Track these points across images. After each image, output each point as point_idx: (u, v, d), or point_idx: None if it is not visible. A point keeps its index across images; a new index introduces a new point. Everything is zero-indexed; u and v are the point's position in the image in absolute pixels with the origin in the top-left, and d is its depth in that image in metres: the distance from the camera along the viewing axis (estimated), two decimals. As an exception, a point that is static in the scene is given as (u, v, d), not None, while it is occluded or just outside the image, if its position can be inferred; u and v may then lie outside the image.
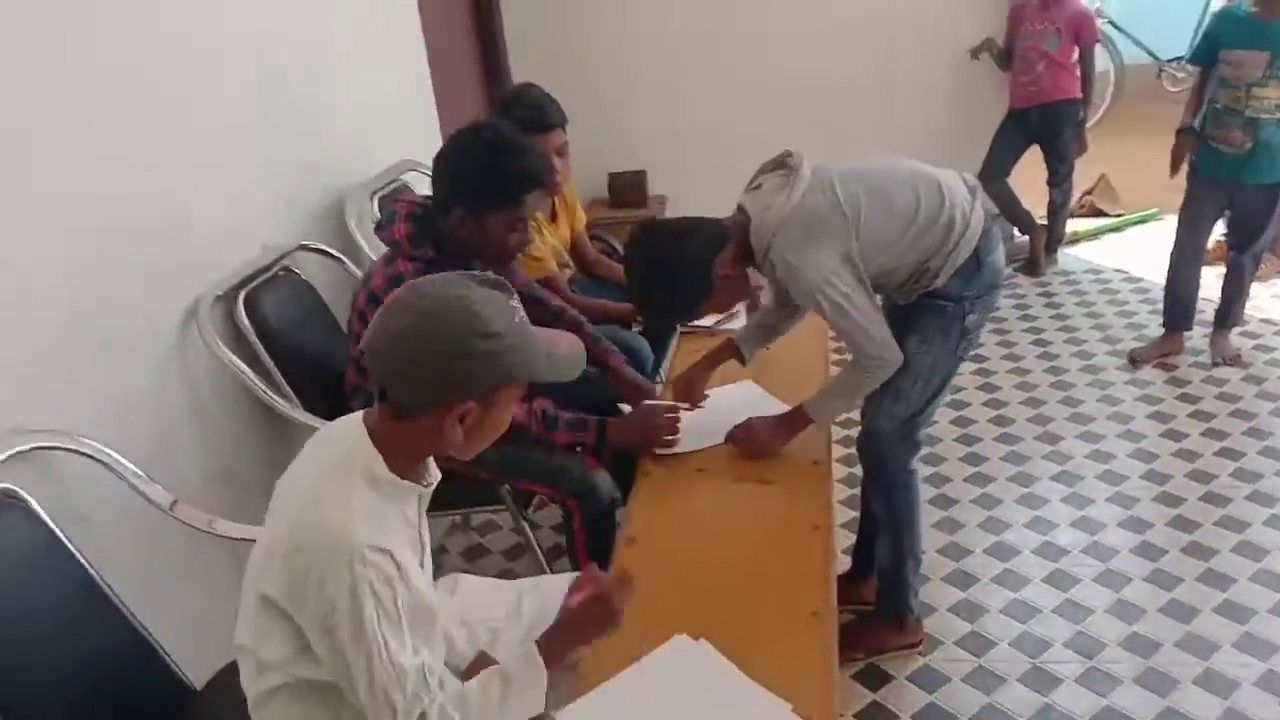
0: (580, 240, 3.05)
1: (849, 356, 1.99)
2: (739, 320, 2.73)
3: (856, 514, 2.55)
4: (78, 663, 1.51)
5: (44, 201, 1.68)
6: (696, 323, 2.74)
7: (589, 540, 2.11)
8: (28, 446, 1.53)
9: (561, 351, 1.36)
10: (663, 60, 4.65)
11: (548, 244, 2.78)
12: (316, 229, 2.57)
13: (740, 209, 2.00)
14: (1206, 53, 3.27)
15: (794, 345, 2.44)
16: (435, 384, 1.24)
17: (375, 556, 1.20)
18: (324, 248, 2.49)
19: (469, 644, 1.54)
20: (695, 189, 4.76)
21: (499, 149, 1.98)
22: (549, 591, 1.67)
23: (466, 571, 2.71)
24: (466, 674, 1.50)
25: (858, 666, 2.31)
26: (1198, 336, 3.65)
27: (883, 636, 2.33)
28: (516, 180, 2.00)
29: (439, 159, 2.04)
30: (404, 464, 1.30)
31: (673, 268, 1.95)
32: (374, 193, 2.78)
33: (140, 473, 1.67)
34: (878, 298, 1.97)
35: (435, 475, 1.41)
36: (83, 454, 1.62)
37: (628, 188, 4.67)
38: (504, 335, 1.25)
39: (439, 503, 2.26)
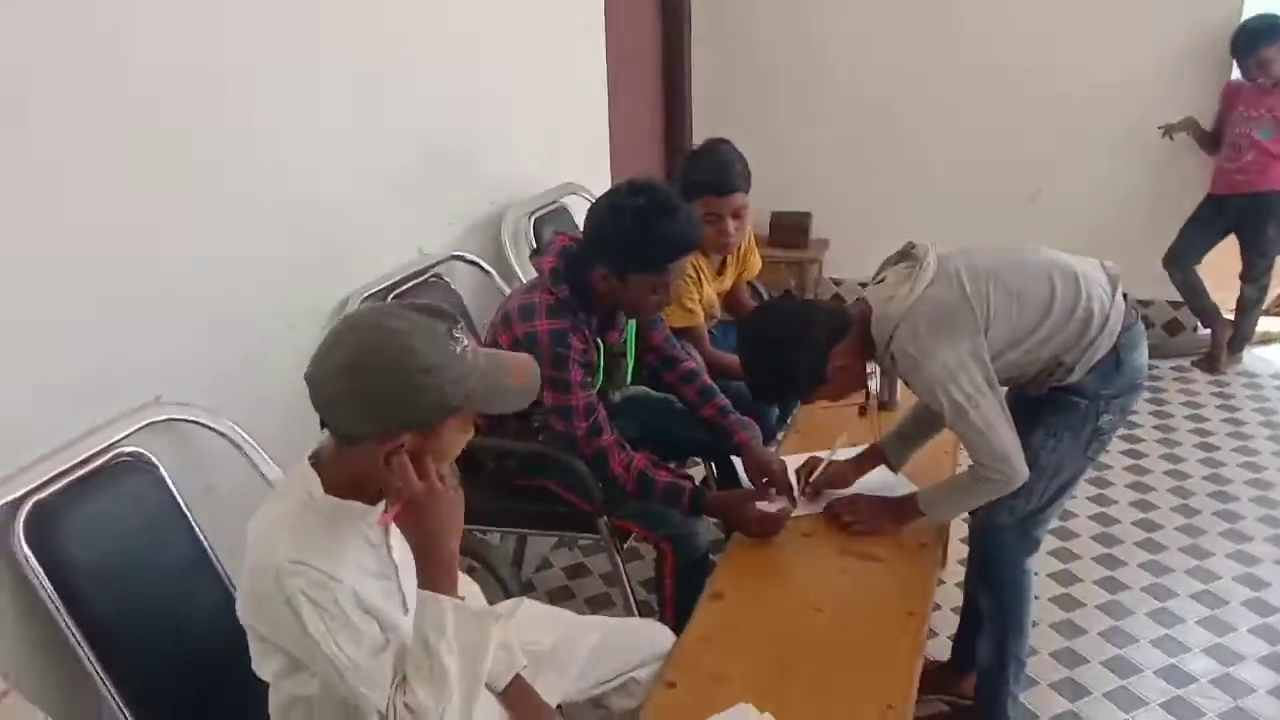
0: (740, 286, 3.06)
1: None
2: (872, 380, 2.67)
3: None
4: (187, 629, 1.62)
5: (221, 202, 1.84)
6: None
7: (677, 588, 2.11)
8: (163, 417, 1.67)
9: (511, 383, 1.36)
10: (845, 107, 4.61)
11: (706, 296, 2.80)
12: (473, 241, 2.69)
13: (862, 300, 1.95)
14: None
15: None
16: (370, 417, 1.26)
17: (296, 568, 1.24)
18: (476, 259, 2.60)
19: (505, 667, 1.55)
20: (857, 237, 4.71)
21: (649, 215, 1.99)
22: (611, 635, 1.68)
23: (565, 588, 2.82)
24: (501, 697, 1.53)
25: (942, 762, 2.22)
26: (1390, 467, 3.33)
27: None
28: (662, 249, 2.02)
29: (592, 211, 2.09)
30: (350, 486, 1.32)
31: (789, 352, 1.91)
32: (532, 212, 2.88)
33: (265, 455, 1.78)
34: (1003, 389, 1.88)
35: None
36: (214, 429, 1.75)
37: (790, 228, 4.64)
38: (441, 368, 1.25)
39: (539, 522, 2.37)
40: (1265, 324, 4.35)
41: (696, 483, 2.16)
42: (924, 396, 1.90)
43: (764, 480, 2.19)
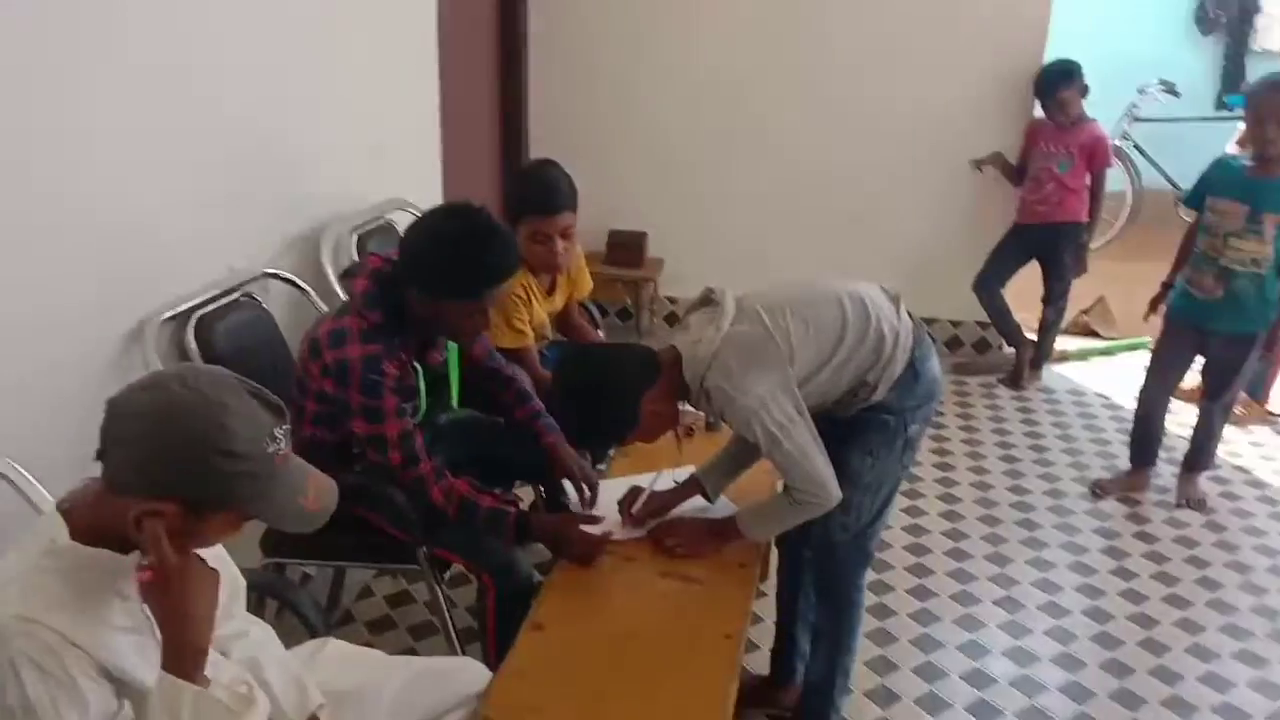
0: (571, 306, 3.05)
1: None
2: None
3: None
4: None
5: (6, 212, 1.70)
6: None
7: (500, 620, 2.09)
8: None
9: (306, 507, 1.31)
10: (680, 126, 4.68)
11: (536, 316, 2.78)
12: (289, 258, 2.58)
13: (670, 347, 1.99)
14: (1198, 197, 3.27)
15: None
16: (148, 472, 1.19)
17: (23, 627, 1.16)
18: (291, 277, 2.50)
19: (299, 708, 1.49)
20: (694, 256, 4.80)
21: (466, 241, 1.96)
22: (422, 675, 1.65)
23: (387, 618, 2.74)
24: None
25: (763, 775, 2.27)
26: (1166, 475, 3.62)
27: None
28: (480, 276, 1.99)
29: (407, 235, 2.05)
30: (103, 535, 1.24)
31: (602, 398, 1.93)
32: (355, 228, 2.79)
33: (48, 496, 1.65)
34: (811, 417, 1.94)
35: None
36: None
37: (626, 247, 4.68)
38: (245, 459, 1.20)
39: (355, 554, 2.30)
40: (1063, 343, 4.68)
41: (523, 507, 2.15)
42: (740, 429, 1.95)
43: (579, 495, 2.25)
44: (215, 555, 1.45)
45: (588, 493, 2.29)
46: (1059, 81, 4.04)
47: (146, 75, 2.04)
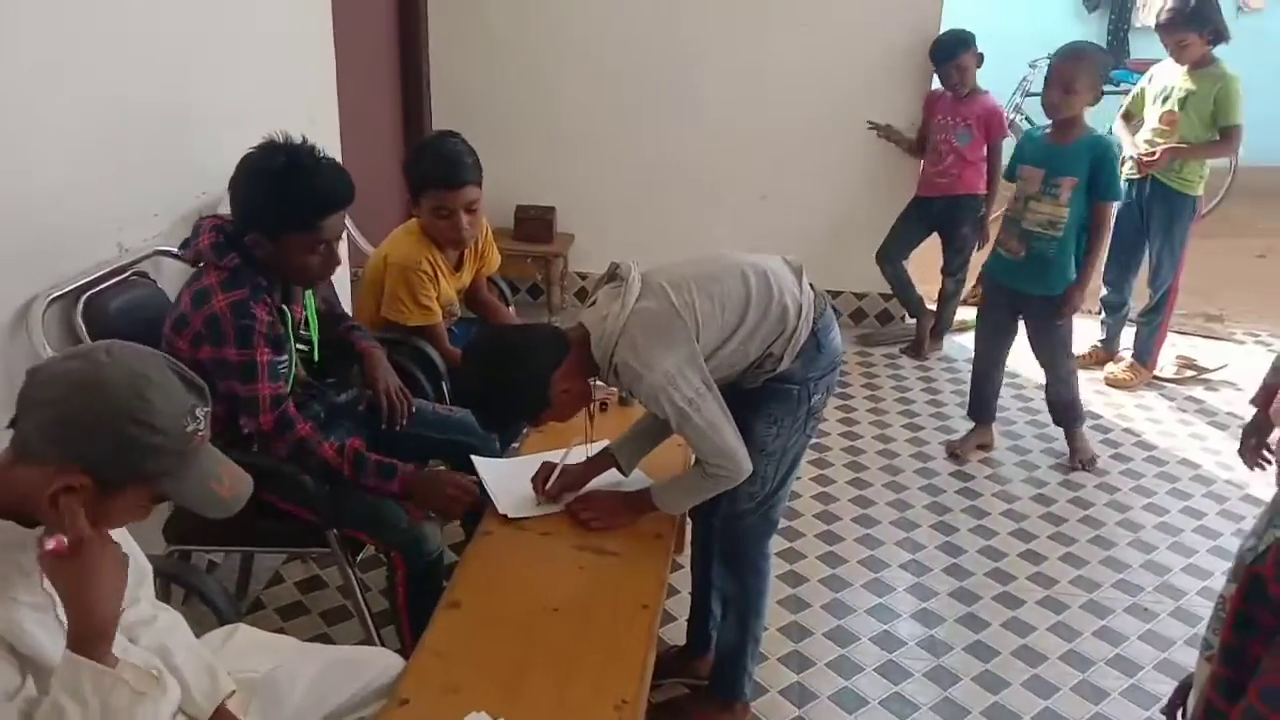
0: (480, 282, 3.00)
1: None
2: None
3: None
4: None
5: None
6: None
7: (411, 597, 2.06)
8: None
9: (220, 493, 1.30)
10: (586, 99, 4.64)
11: (444, 293, 2.73)
12: (182, 235, 2.46)
13: (578, 325, 1.99)
14: (1010, 168, 3.45)
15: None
16: (61, 441, 1.17)
17: None
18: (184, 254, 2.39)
19: (208, 695, 1.47)
20: (603, 231, 4.79)
21: (292, 173, 1.94)
22: (337, 664, 1.62)
23: (299, 604, 2.68)
24: None
25: (680, 743, 2.30)
26: (1062, 439, 3.77)
27: (709, 717, 2.32)
28: (309, 205, 1.97)
29: (234, 179, 2.00)
30: (8, 506, 1.21)
31: (511, 381, 1.91)
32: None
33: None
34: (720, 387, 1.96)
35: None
36: None
37: (535, 223, 4.64)
38: (160, 432, 1.19)
39: (262, 539, 2.24)
40: (963, 314, 4.80)
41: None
42: (649, 405, 1.96)
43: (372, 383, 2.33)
44: (119, 537, 1.40)
45: (398, 410, 2.33)
46: (956, 47, 4.13)
47: (29, 46, 1.93)
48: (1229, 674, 1.18)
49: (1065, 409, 3.62)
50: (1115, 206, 3.36)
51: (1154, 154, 3.85)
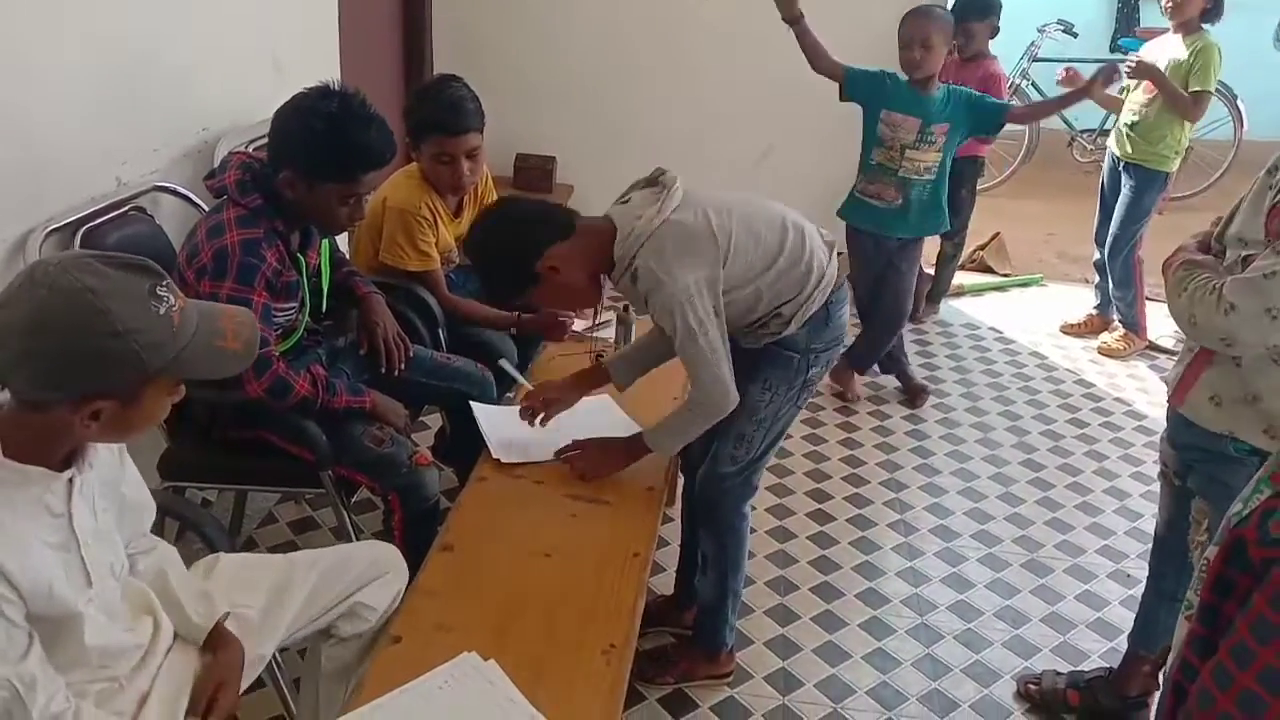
0: None
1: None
2: (608, 330, 2.73)
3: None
4: None
5: None
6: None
7: (407, 540, 2.08)
8: None
9: (222, 346, 1.29)
10: (590, 52, 4.60)
11: (443, 239, 2.71)
12: (181, 170, 2.46)
13: (605, 217, 1.96)
14: (865, 88, 3.39)
15: (655, 379, 2.35)
16: (54, 383, 1.17)
17: None
18: (184, 191, 2.38)
19: (205, 618, 1.50)
20: (603, 183, 4.73)
21: (341, 122, 1.93)
22: (328, 569, 1.65)
23: (291, 544, 2.70)
24: (203, 646, 1.49)
25: (665, 690, 2.33)
26: (1054, 404, 3.79)
27: (694, 665, 2.36)
28: (354, 158, 1.96)
29: (280, 114, 1.99)
30: (35, 451, 1.22)
31: (500, 247, 1.92)
32: (251, 142, 2.66)
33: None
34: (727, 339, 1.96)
35: (102, 460, 1.34)
36: None
37: (535, 172, 4.61)
38: (137, 333, 1.17)
39: (256, 477, 2.25)
40: (960, 278, 4.81)
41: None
42: (657, 317, 1.94)
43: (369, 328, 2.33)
44: (133, 480, 1.42)
45: (395, 356, 2.33)
46: (968, 11, 4.06)
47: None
48: (1205, 633, 1.20)
49: (873, 352, 3.71)
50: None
51: (1134, 64, 3.87)
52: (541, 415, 2.17)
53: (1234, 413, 1.81)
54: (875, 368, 3.87)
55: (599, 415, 2.32)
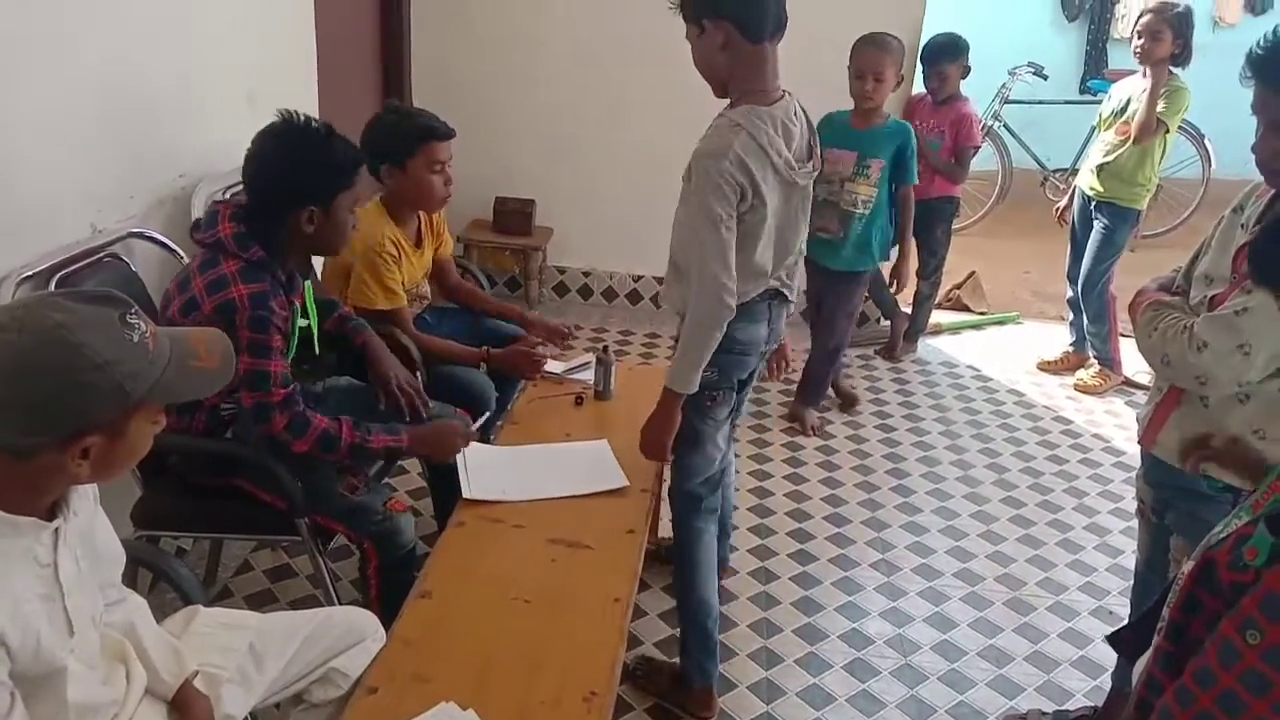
0: (445, 264, 2.99)
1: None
2: (587, 371, 2.73)
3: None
4: None
5: None
6: (545, 369, 2.75)
7: (383, 589, 2.06)
8: None
9: (199, 366, 1.28)
10: (567, 94, 4.62)
11: (409, 274, 2.71)
12: (158, 217, 2.46)
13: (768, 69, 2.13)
14: None
15: (635, 420, 2.36)
16: (39, 428, 1.15)
17: None
18: (160, 237, 2.38)
19: (174, 675, 1.47)
20: (582, 225, 4.78)
21: (323, 140, 2.01)
22: (307, 633, 1.62)
23: (268, 592, 2.67)
24: (171, 705, 1.46)
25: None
26: (1032, 443, 3.80)
27: (671, 691, 2.39)
28: (349, 165, 2.04)
29: (262, 165, 2.01)
30: (25, 500, 1.21)
31: None
32: (229, 188, 2.67)
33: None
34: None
35: (81, 507, 1.33)
36: None
37: (514, 215, 4.62)
38: (115, 363, 1.17)
39: (231, 525, 2.23)
40: (937, 317, 4.85)
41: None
42: (693, 165, 2.05)
43: (382, 379, 2.35)
44: (105, 529, 1.41)
45: (415, 402, 2.35)
46: (941, 55, 4.14)
47: (6, 24, 1.90)
48: (1171, 649, 1.21)
49: (818, 385, 3.85)
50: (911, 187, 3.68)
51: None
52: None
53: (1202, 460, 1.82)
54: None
55: (590, 458, 2.32)
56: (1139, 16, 3.94)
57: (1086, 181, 4.11)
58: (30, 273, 1.98)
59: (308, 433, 1.98)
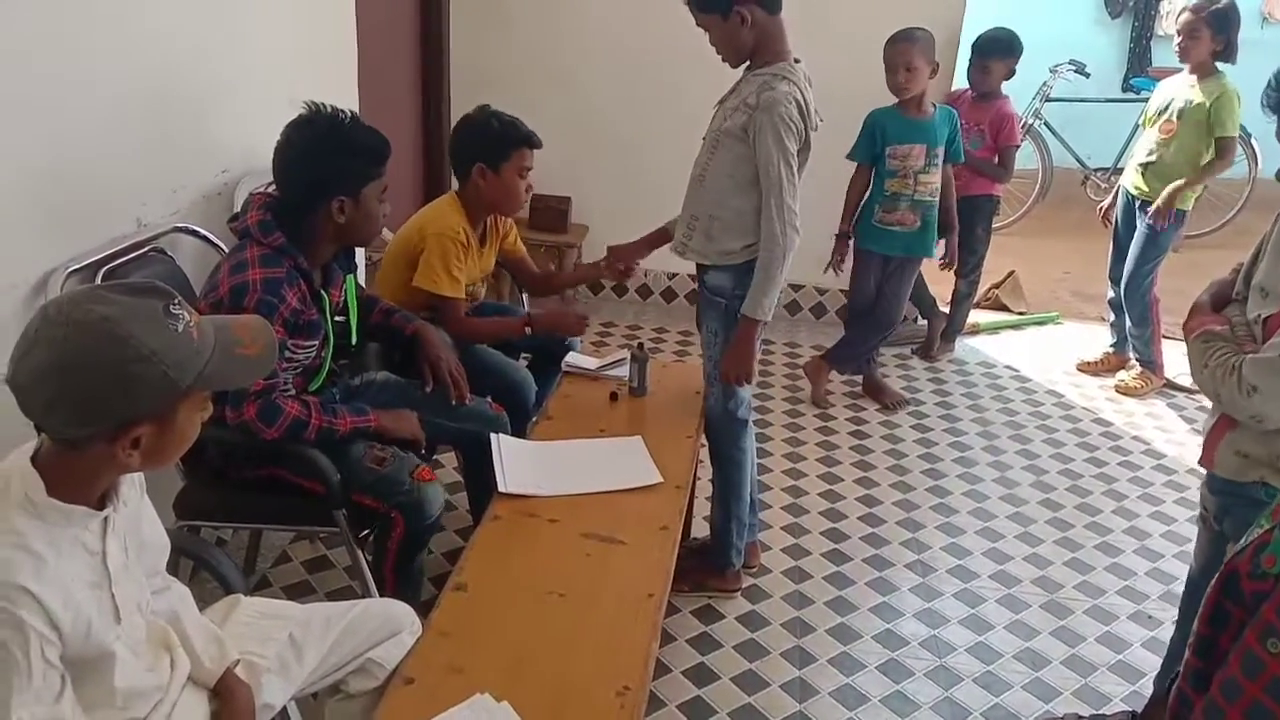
0: (522, 258, 3.09)
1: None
2: (623, 368, 2.74)
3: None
4: None
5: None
6: (580, 365, 2.76)
7: (400, 556, 2.10)
8: None
9: (244, 354, 1.30)
10: (605, 92, 4.63)
11: (471, 270, 2.75)
12: (201, 212, 2.49)
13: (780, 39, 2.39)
14: (868, 151, 3.71)
15: (670, 417, 2.60)
16: (90, 419, 1.18)
17: (6, 593, 1.15)
18: (204, 232, 2.41)
19: (216, 663, 1.50)
20: (617, 224, 4.75)
21: (351, 126, 2.06)
22: (344, 625, 1.64)
23: (305, 583, 2.70)
24: (213, 692, 1.49)
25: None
26: (1045, 456, 3.76)
27: (705, 578, 2.74)
28: (377, 153, 2.09)
29: (294, 159, 2.04)
30: (77, 490, 1.23)
31: None
32: (269, 183, 2.70)
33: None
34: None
35: (129, 497, 1.36)
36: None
37: (550, 212, 4.63)
38: (162, 352, 1.19)
39: (270, 516, 2.25)
40: (975, 316, 4.80)
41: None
42: (760, 119, 2.27)
43: (433, 363, 2.40)
44: (151, 519, 1.44)
45: (462, 386, 2.42)
46: (992, 49, 4.08)
47: (51, 18, 1.94)
48: (1200, 665, 1.19)
49: (852, 351, 3.99)
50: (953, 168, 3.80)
51: (1158, 205, 3.89)
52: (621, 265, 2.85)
53: (1262, 468, 1.80)
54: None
55: (624, 454, 2.33)
56: (1179, 15, 3.89)
57: (1131, 181, 4.06)
58: (78, 266, 2.02)
59: (278, 421, 2.00)
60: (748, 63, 2.38)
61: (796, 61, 2.35)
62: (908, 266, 3.80)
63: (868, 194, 3.75)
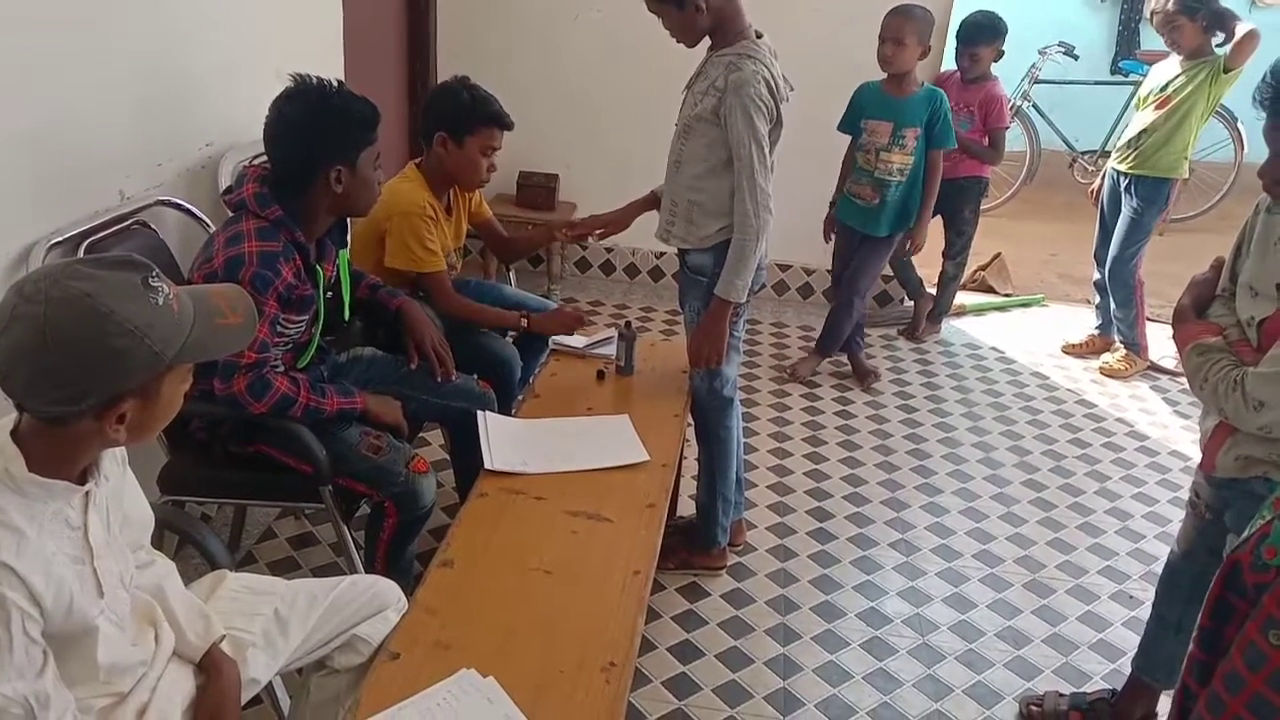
0: (491, 222, 3.06)
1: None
2: (610, 346, 2.74)
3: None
4: None
5: None
6: (567, 343, 2.76)
7: (392, 543, 2.09)
8: None
9: (225, 324, 1.30)
10: (593, 70, 4.60)
11: (442, 239, 2.72)
12: (185, 185, 2.47)
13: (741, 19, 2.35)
14: (851, 122, 3.74)
15: (656, 396, 2.59)
16: (72, 396, 1.16)
17: None
18: (187, 206, 2.39)
19: (201, 638, 1.49)
20: (604, 201, 4.71)
21: (342, 94, 2.04)
22: (330, 600, 1.64)
23: (290, 559, 2.70)
24: (198, 667, 1.49)
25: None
26: (1029, 436, 3.78)
27: (691, 556, 2.77)
28: (368, 119, 2.08)
29: (286, 128, 2.01)
30: (58, 465, 1.22)
31: None
32: (256, 157, 2.68)
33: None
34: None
35: (111, 471, 1.35)
36: None
37: (538, 190, 4.61)
38: (146, 327, 1.17)
39: (256, 491, 2.25)
40: (961, 298, 4.81)
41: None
42: (729, 99, 2.25)
43: (418, 339, 2.41)
44: (134, 493, 1.43)
45: (447, 361, 2.42)
46: (977, 36, 4.06)
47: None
48: (1204, 657, 1.19)
49: (832, 336, 4.00)
50: (942, 152, 3.71)
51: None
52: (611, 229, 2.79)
53: (1264, 465, 1.80)
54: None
55: (611, 432, 2.33)
56: (1150, 14, 3.89)
57: (1119, 159, 4.07)
58: (60, 239, 2.00)
59: (267, 396, 1.99)
60: (708, 41, 2.38)
61: (759, 36, 2.34)
62: (878, 245, 3.80)
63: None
